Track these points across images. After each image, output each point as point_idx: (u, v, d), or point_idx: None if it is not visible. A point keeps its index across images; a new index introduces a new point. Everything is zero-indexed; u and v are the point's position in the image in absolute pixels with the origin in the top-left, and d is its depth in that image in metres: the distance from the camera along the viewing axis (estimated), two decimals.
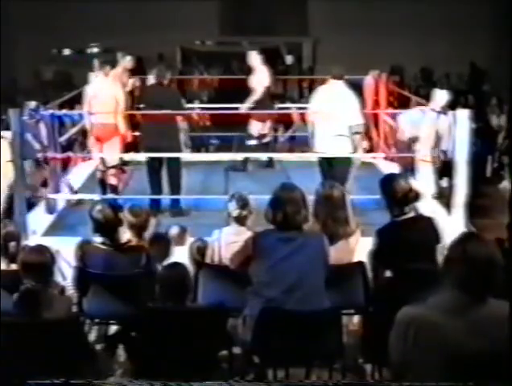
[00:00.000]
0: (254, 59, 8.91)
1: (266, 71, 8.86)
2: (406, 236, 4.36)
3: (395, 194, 4.45)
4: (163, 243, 5.07)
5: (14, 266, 4.42)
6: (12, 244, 4.56)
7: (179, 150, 7.48)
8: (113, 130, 7.69)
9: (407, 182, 4.61)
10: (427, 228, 4.48)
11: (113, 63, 8.30)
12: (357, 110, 6.95)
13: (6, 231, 4.65)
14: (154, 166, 7.38)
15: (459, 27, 14.63)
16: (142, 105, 7.75)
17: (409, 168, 8.58)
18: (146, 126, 7.44)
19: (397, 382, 2.39)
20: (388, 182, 4.59)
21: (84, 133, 9.97)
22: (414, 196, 4.49)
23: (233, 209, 4.73)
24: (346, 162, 6.93)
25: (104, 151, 7.81)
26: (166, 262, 4.78)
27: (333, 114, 6.80)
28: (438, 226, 4.49)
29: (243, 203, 4.74)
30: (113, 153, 7.79)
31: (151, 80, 7.68)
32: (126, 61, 8.74)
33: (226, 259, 4.55)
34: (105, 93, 7.70)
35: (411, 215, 4.48)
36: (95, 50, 16.38)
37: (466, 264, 2.52)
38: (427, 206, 7.22)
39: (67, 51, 16.86)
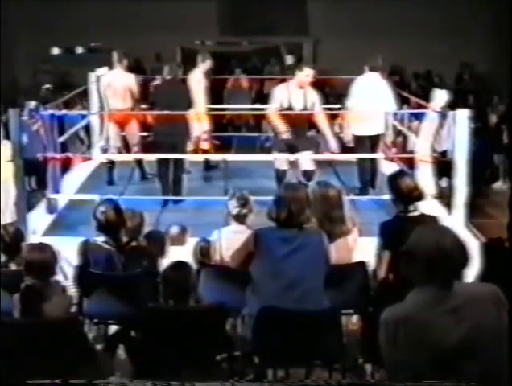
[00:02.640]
0: (307, 79, 7.24)
1: (318, 96, 7.45)
2: (408, 233, 4.37)
3: (400, 190, 4.52)
4: (157, 241, 5.07)
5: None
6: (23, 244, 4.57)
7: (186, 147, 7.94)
8: (131, 115, 8.27)
9: (413, 180, 4.67)
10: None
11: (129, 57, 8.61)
12: (391, 98, 7.76)
13: (12, 231, 4.63)
14: (163, 161, 7.73)
15: (459, 28, 14.62)
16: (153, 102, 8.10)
17: (409, 168, 8.61)
18: (157, 124, 7.83)
19: (397, 382, 2.40)
20: (395, 178, 4.69)
21: (87, 131, 10.03)
22: (417, 195, 4.53)
23: (233, 207, 4.77)
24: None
25: (124, 134, 8.39)
26: (161, 260, 4.80)
27: (371, 102, 7.57)
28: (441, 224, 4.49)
29: (243, 202, 4.78)
30: (132, 136, 8.35)
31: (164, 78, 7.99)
32: (207, 63, 8.84)
33: (227, 258, 4.56)
34: (121, 83, 8.15)
35: (416, 213, 4.50)
36: (95, 50, 16.37)
37: (423, 259, 2.57)
38: (427, 205, 7.25)
39: (66, 51, 16.84)
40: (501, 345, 2.54)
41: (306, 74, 7.17)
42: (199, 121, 8.64)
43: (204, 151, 8.84)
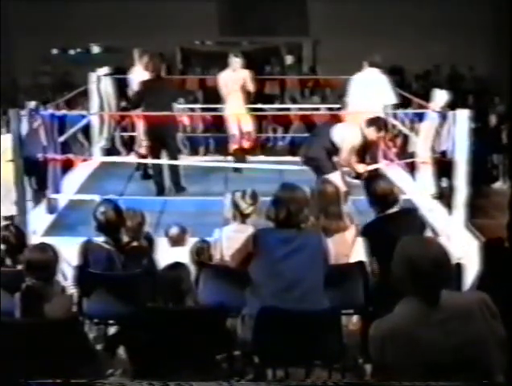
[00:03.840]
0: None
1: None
2: (391, 230, 4.40)
3: (376, 195, 4.58)
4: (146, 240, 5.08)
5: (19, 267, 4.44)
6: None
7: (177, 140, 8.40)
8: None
9: (389, 184, 4.70)
10: (411, 220, 4.57)
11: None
12: (390, 91, 8.14)
13: (15, 231, 4.62)
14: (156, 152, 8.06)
15: (459, 28, 14.62)
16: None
17: (409, 168, 8.61)
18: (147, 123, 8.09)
19: (396, 382, 2.39)
20: (370, 183, 4.73)
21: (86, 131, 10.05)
22: (392, 199, 4.58)
23: (247, 206, 4.77)
24: None
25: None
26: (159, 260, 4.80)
27: (369, 96, 7.89)
28: (421, 216, 4.57)
29: (256, 200, 4.80)
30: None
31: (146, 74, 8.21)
32: (235, 62, 8.83)
33: (227, 257, 4.57)
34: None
35: (395, 209, 4.55)
36: (95, 50, 16.37)
37: (409, 271, 2.54)
38: (427, 206, 7.26)
39: (67, 51, 16.82)
40: (491, 353, 2.52)
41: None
42: (239, 121, 8.77)
43: (245, 150, 8.99)
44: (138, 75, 8.44)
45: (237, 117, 8.84)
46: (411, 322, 2.53)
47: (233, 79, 8.78)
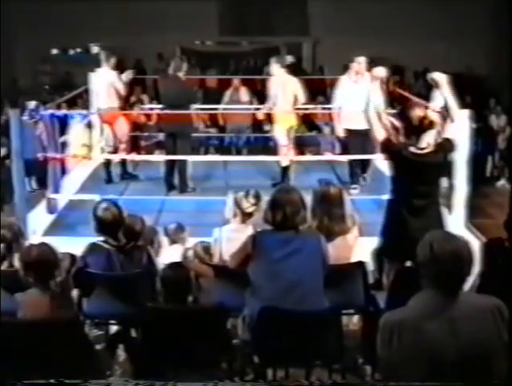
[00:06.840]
0: None
1: None
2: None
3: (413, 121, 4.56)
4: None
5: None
6: (2, 245, 4.54)
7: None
8: (119, 113, 8.48)
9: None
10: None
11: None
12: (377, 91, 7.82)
13: (14, 230, 4.62)
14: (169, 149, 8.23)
15: (459, 27, 14.63)
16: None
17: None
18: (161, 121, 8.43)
19: (396, 382, 2.39)
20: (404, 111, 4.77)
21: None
22: (428, 124, 4.63)
23: (249, 205, 4.78)
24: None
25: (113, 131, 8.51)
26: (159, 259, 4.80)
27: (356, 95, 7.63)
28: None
29: (259, 200, 4.80)
30: (121, 131, 8.51)
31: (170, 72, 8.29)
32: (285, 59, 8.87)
33: (226, 257, 4.57)
34: (106, 83, 8.30)
35: (426, 151, 4.58)
36: (95, 50, 16.36)
37: (434, 263, 2.55)
38: None
39: (67, 51, 16.83)
40: (495, 358, 2.52)
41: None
42: (284, 123, 8.41)
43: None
44: (102, 75, 8.38)
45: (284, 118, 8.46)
46: (422, 316, 2.54)
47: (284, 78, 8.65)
